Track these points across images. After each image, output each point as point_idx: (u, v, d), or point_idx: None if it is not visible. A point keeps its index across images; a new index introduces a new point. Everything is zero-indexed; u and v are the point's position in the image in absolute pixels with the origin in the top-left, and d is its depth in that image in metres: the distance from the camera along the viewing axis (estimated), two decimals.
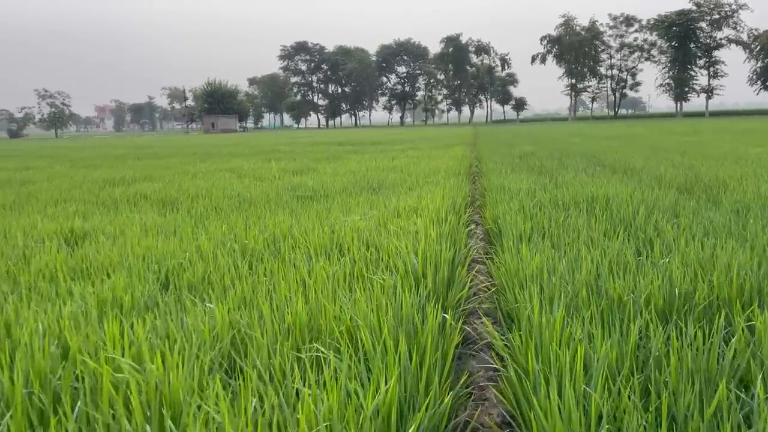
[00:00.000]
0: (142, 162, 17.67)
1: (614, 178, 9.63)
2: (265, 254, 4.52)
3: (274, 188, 9.25)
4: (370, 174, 11.27)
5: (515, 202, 6.83)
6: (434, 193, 7.44)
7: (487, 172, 11.09)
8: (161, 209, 7.59)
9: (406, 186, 9.15)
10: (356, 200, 7.63)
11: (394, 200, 7.17)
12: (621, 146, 18.05)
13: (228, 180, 11.04)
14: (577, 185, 7.98)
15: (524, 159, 13.87)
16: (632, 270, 3.85)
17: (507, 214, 5.94)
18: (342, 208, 6.94)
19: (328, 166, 14.10)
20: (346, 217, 5.83)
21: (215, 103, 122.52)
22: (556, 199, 6.96)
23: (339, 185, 9.48)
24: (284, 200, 7.95)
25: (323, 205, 7.34)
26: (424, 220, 5.21)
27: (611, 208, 6.23)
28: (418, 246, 4.05)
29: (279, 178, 11.33)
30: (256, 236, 5.06)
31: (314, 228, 5.35)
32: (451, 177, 9.98)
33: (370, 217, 5.89)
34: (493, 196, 7.42)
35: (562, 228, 5.33)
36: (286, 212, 6.78)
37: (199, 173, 12.82)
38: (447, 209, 6.06)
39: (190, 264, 4.18)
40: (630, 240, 4.89)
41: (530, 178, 9.44)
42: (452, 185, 8.49)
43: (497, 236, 5.55)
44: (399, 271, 3.63)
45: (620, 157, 13.42)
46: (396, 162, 14.15)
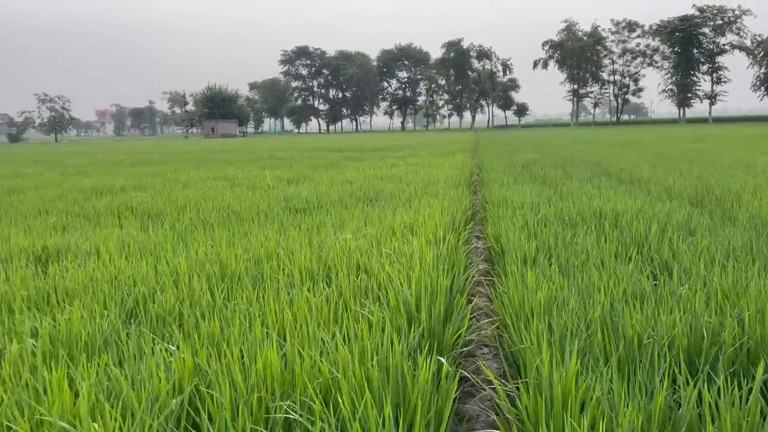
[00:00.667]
0: (136, 169, 17.30)
1: (621, 188, 9.25)
2: (246, 279, 4.13)
3: (266, 199, 8.87)
4: (367, 183, 10.89)
5: (518, 217, 6.45)
6: (433, 207, 7.06)
7: (488, 181, 10.70)
8: (145, 223, 7.21)
9: (404, 197, 8.77)
10: (351, 213, 7.26)
11: (390, 215, 6.78)
12: (625, 154, 17.66)
13: (220, 190, 10.66)
14: (584, 199, 7.59)
15: (527, 168, 13.49)
16: (650, 300, 3.47)
17: (510, 231, 5.55)
18: (335, 222, 6.56)
19: (325, 174, 13.73)
20: (338, 236, 5.44)
21: (215, 108, 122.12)
22: (561, 214, 6.57)
23: (334, 196, 9.11)
24: (275, 213, 7.57)
25: (316, 218, 6.97)
26: (421, 239, 4.82)
27: (621, 224, 5.84)
28: (413, 272, 3.66)
29: (273, 188, 10.95)
30: (240, 256, 4.68)
31: (302, 247, 4.96)
32: (451, 188, 9.60)
33: (364, 235, 5.50)
34: (495, 210, 7.04)
35: (569, 248, 4.94)
36: (275, 227, 6.40)
37: (191, 182, 12.44)
38: (446, 226, 5.67)
39: (161, 291, 3.79)
40: (644, 263, 4.50)
41: (534, 190, 9.06)
42: (452, 197, 8.11)
43: (500, 256, 5.16)
44: (390, 304, 3.23)
45: (626, 166, 13.03)
46: (395, 170, 13.78)
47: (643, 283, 3.76)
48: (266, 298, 3.53)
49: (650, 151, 18.99)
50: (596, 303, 3.34)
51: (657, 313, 3.19)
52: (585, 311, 3.30)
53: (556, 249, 4.94)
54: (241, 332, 2.96)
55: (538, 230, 5.71)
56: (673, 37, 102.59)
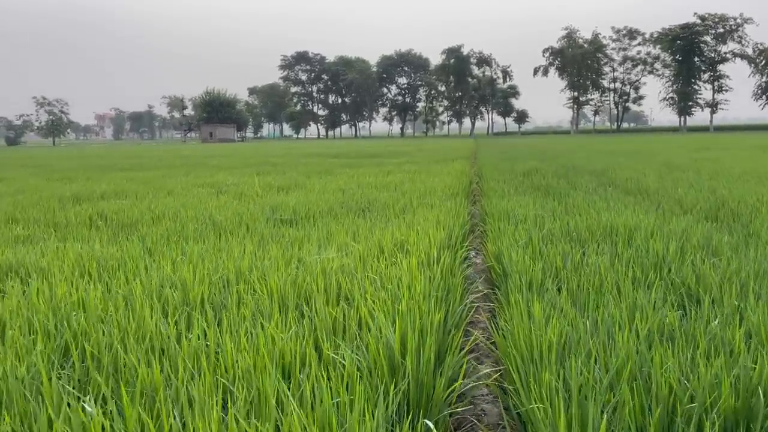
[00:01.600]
0: (124, 174, 16.73)
1: (629, 200, 8.71)
2: (208, 307, 3.57)
3: (251, 209, 8.30)
4: (360, 192, 10.35)
5: (521, 233, 5.89)
6: (428, 220, 6.51)
7: (488, 191, 10.15)
8: (115, 234, 6.65)
9: (398, 207, 8.22)
10: (340, 225, 6.71)
11: (381, 228, 6.22)
12: (630, 163, 17.12)
13: (204, 198, 10.10)
14: (592, 212, 7.04)
15: (528, 176, 12.93)
16: (681, 341, 2.91)
17: (512, 250, 5.00)
18: (321, 236, 6.00)
19: (318, 181, 13.19)
20: (321, 253, 4.87)
21: (213, 112, 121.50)
22: (568, 230, 6.01)
23: (325, 205, 8.55)
24: (259, 224, 7.01)
25: (302, 231, 6.41)
26: (412, 260, 4.25)
27: (635, 242, 5.29)
28: (400, 304, 3.10)
29: (261, 196, 10.40)
30: (207, 277, 4.12)
31: (280, 267, 4.40)
32: (448, 198, 9.05)
33: (349, 253, 4.94)
34: (496, 224, 6.48)
35: (580, 271, 4.38)
36: (255, 241, 5.84)
37: (176, 189, 11.88)
38: (441, 243, 5.11)
39: (103, 323, 3.23)
40: (667, 290, 3.95)
41: (536, 201, 8.50)
42: (449, 209, 7.55)
43: (501, 279, 4.60)
44: (370, 349, 2.66)
45: (632, 176, 12.49)
46: (391, 178, 13.22)
47: (670, 318, 3.21)
48: (228, 331, 2.97)
49: (655, 160, 18.45)
50: (618, 345, 2.78)
51: (693, 360, 2.64)
52: (605, 356, 2.74)
53: (564, 271, 4.39)
54: (183, 382, 2.40)
55: (543, 248, 5.16)
56: (674, 45, 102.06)
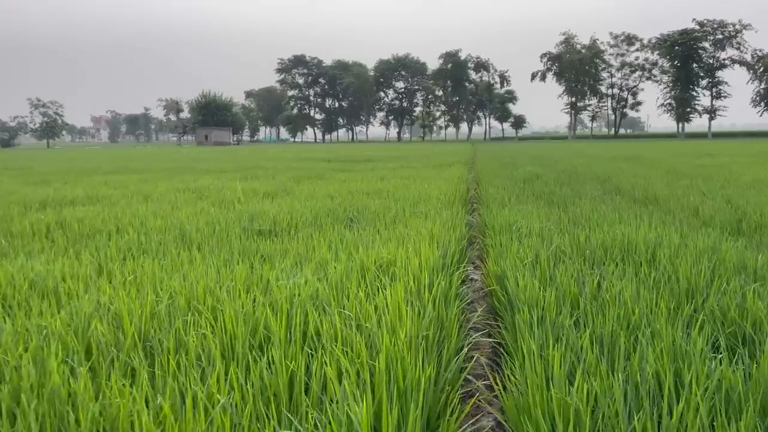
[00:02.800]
0: (105, 178, 15.98)
1: (639, 210, 7.98)
2: (139, 349, 2.83)
3: (229, 217, 7.56)
4: (350, 199, 9.62)
5: (526, 249, 5.17)
6: (421, 233, 5.77)
7: (487, 199, 9.42)
8: (69, 247, 5.90)
9: (389, 217, 7.49)
10: (323, 237, 5.98)
11: (364, 247, 5.48)
12: (634, 169, 16.43)
13: (182, 204, 9.35)
14: (604, 225, 6.31)
15: (529, 183, 12.21)
16: (748, 410, 2.19)
17: (517, 271, 4.28)
18: (299, 252, 5.27)
19: (307, 187, 12.46)
20: (292, 277, 4.13)
21: (209, 116, 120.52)
22: (580, 246, 5.28)
23: (310, 214, 7.82)
24: (232, 236, 6.27)
25: (278, 245, 5.67)
26: (401, 288, 3.51)
27: (660, 263, 4.56)
28: (377, 360, 2.37)
29: (243, 203, 9.66)
30: (150, 303, 3.39)
31: (240, 293, 3.67)
32: (444, 206, 8.32)
33: (327, 276, 4.21)
34: (497, 238, 5.75)
35: (600, 300, 3.66)
36: (221, 257, 5.10)
37: (155, 194, 11.13)
38: (434, 264, 4.37)
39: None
40: (710, 328, 3.22)
41: (540, 211, 7.78)
42: (444, 219, 6.82)
43: (506, 308, 3.87)
44: None
45: (638, 183, 11.78)
46: (384, 184, 12.49)
47: (729, 376, 2.48)
48: (151, 389, 2.23)
49: (659, 166, 17.76)
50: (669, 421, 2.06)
51: None
52: None
53: (582, 301, 3.66)
54: None
55: (552, 268, 4.43)
56: (672, 51, 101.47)
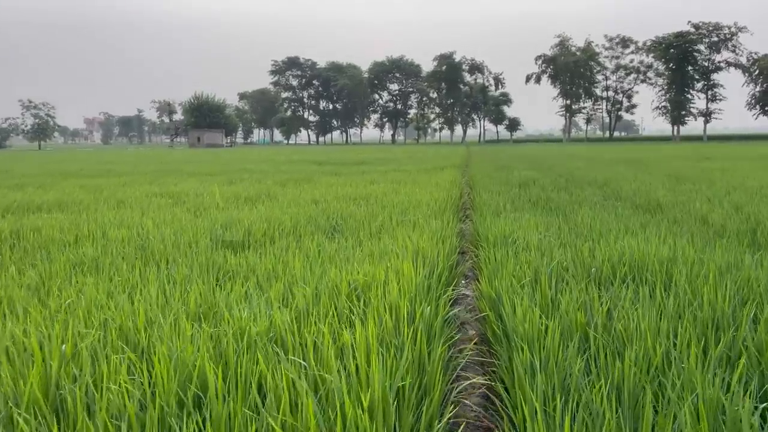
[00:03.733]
0: (83, 181, 15.34)
1: (643, 218, 7.42)
2: (47, 405, 2.23)
3: (201, 226, 6.95)
4: (335, 205, 9.04)
5: (523, 266, 4.59)
6: (407, 247, 5.18)
7: (480, 206, 8.84)
8: (11, 262, 5.28)
9: (375, 226, 6.91)
10: (298, 250, 5.40)
11: (339, 266, 4.89)
12: (632, 173, 15.88)
13: (154, 211, 8.75)
14: (608, 235, 5.73)
15: (525, 188, 11.64)
16: None
17: (514, 294, 3.70)
18: (266, 270, 4.66)
19: (292, 191, 11.87)
20: (250, 305, 3.53)
21: (201, 117, 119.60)
22: (584, 262, 4.70)
23: (290, 222, 7.22)
24: (199, 249, 5.66)
25: (246, 260, 5.07)
26: (372, 327, 2.92)
27: (678, 284, 3.98)
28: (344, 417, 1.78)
29: (220, 209, 9.06)
30: (67, 340, 2.79)
31: (186, 327, 3.07)
32: (434, 214, 7.73)
33: (293, 301, 3.61)
34: (491, 252, 5.17)
35: (614, 333, 3.08)
36: (180, 274, 4.50)
37: (130, 199, 10.52)
38: (419, 286, 3.77)
39: None
40: (749, 371, 2.64)
41: (538, 219, 7.19)
42: (434, 230, 6.23)
43: (501, 343, 3.28)
44: None
45: (638, 188, 11.23)
46: (373, 188, 11.91)
47: None
48: None
49: (658, 170, 17.22)
50: None
51: None
52: None
53: (592, 333, 3.07)
54: None
55: (555, 292, 3.85)
56: (667, 53, 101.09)
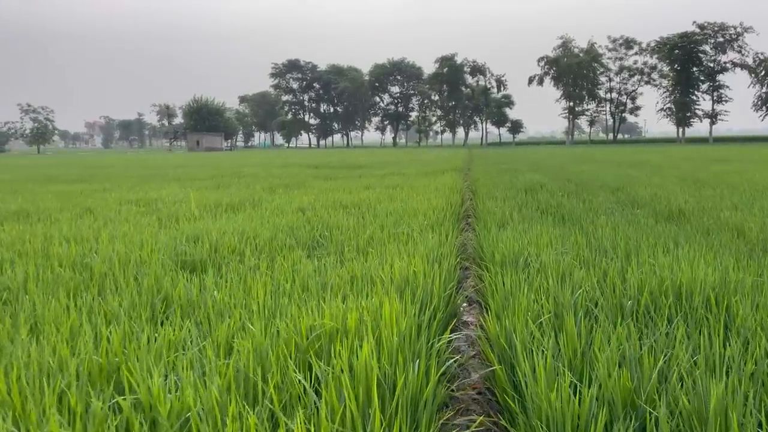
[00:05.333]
0: (60, 187, 14.48)
1: (668, 228, 6.49)
2: None
3: (162, 240, 6.05)
4: (324, 213, 8.16)
5: (539, 295, 3.69)
6: (394, 271, 4.28)
7: (484, 215, 7.92)
8: None
9: (363, 239, 6.01)
10: (268, 273, 4.51)
11: (297, 307, 3.99)
12: (644, 176, 14.96)
13: (121, 221, 7.86)
14: (635, 252, 4.81)
15: (532, 194, 10.73)
16: None
17: (531, 341, 2.80)
18: (224, 300, 3.77)
19: (281, 197, 11.00)
20: (167, 375, 2.63)
21: (201, 121, 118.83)
22: (613, 290, 3.79)
23: (268, 234, 6.34)
24: (150, 270, 4.75)
25: (198, 285, 4.17)
26: (344, 386, 2.01)
27: (739, 320, 3.07)
28: None
29: (195, 218, 8.18)
30: None
31: (88, 404, 2.17)
32: (432, 225, 6.82)
33: (229, 363, 2.71)
34: (498, 276, 4.26)
35: (672, 405, 2.18)
36: (113, 305, 3.60)
37: (99, 207, 9.65)
38: (405, 332, 2.86)
39: None
40: None
41: (551, 231, 6.26)
42: (430, 247, 5.32)
43: (518, 413, 2.37)
44: None
45: (655, 193, 10.33)
46: (367, 194, 11.01)
47: None
48: None
49: (670, 173, 16.29)
50: None
51: None
52: None
53: (641, 405, 2.17)
54: None
55: (584, 337, 2.94)
56: (672, 54, 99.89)
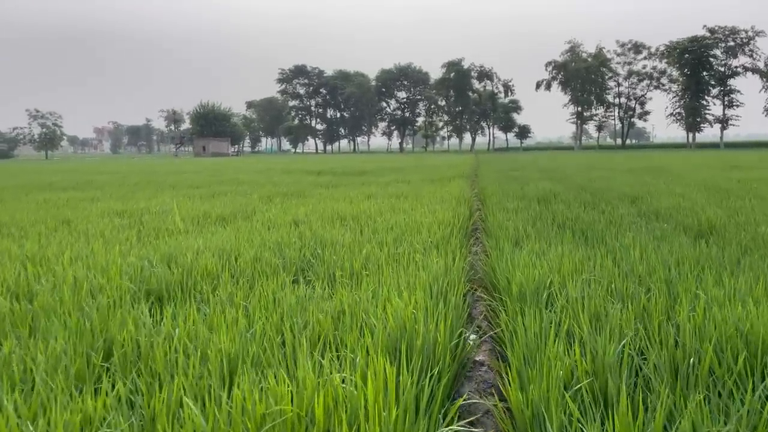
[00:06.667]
0: (48, 195, 13.80)
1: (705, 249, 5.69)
2: None
3: (131, 260, 5.31)
4: (318, 227, 7.44)
5: (569, 343, 2.92)
6: (389, 312, 3.53)
7: (495, 230, 7.15)
8: None
9: (358, 262, 5.26)
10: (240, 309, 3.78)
11: (249, 385, 3.25)
12: (661, 184, 14.14)
13: (95, 235, 7.15)
14: (687, 288, 4.03)
15: (546, 204, 9.96)
16: None
17: (568, 427, 2.03)
18: (183, 344, 3.03)
19: (276, 207, 10.32)
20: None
21: (207, 126, 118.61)
22: (662, 337, 3.01)
23: (252, 252, 5.61)
24: (101, 303, 4.00)
25: (154, 325, 3.44)
26: None
27: None
28: None
29: (178, 232, 7.47)
30: None
31: None
32: (437, 243, 6.07)
33: None
34: (516, 314, 3.51)
35: None
36: (44, 347, 2.86)
37: (79, 219, 8.97)
38: (404, 411, 2.10)
39: None
40: None
41: (573, 251, 5.47)
42: (436, 273, 4.56)
43: None
44: None
45: (678, 204, 9.52)
46: (369, 204, 10.27)
47: None
48: None
49: (690, 180, 15.45)
50: None
51: None
52: None
53: None
54: None
55: (636, 413, 2.18)
56: (682, 58, 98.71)
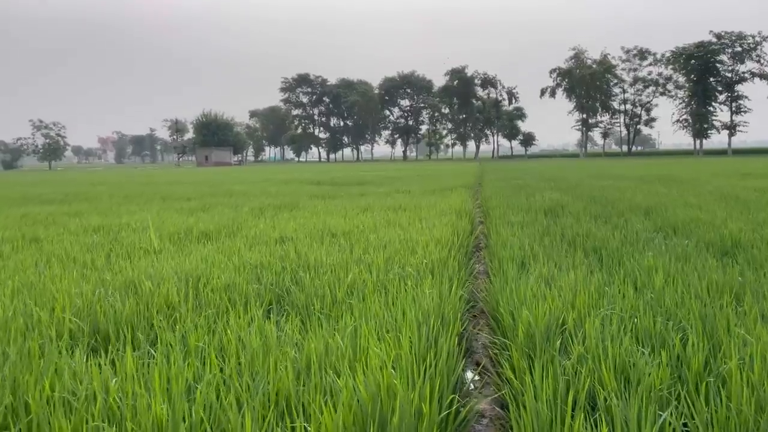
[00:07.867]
0: (30, 209, 13.22)
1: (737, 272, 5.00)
2: None
3: (87, 289, 4.66)
4: (306, 246, 6.79)
5: (596, 421, 2.25)
6: (361, 377, 2.88)
7: (498, 249, 6.47)
8: None
9: (342, 289, 4.62)
10: (198, 357, 3.14)
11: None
12: (676, 194, 13.45)
13: (59, 260, 6.52)
14: (725, 326, 3.37)
15: (554, 217, 9.29)
16: None
17: None
18: (111, 412, 2.37)
19: (265, 222, 9.71)
20: None
21: (210, 135, 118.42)
22: (703, 401, 2.34)
23: (223, 280, 4.99)
24: (28, 349, 3.34)
25: (83, 378, 2.78)
26: None
27: None
28: None
29: (152, 251, 6.84)
30: None
31: None
32: (432, 273, 5.40)
33: None
34: (526, 378, 2.83)
35: None
36: None
37: (53, 237, 8.40)
38: None
39: None
40: None
41: (586, 278, 4.80)
42: (427, 309, 3.89)
43: None
44: None
45: (695, 216, 8.82)
46: (363, 218, 9.64)
47: None
48: None
49: (704, 190, 14.74)
50: None
51: None
52: None
53: None
54: None
55: None
56: (688, 64, 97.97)
